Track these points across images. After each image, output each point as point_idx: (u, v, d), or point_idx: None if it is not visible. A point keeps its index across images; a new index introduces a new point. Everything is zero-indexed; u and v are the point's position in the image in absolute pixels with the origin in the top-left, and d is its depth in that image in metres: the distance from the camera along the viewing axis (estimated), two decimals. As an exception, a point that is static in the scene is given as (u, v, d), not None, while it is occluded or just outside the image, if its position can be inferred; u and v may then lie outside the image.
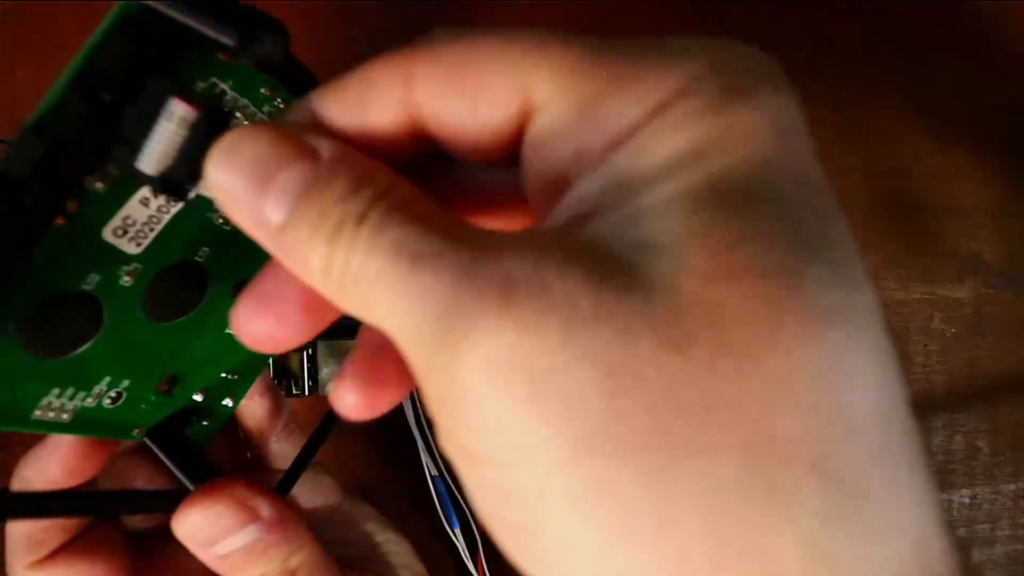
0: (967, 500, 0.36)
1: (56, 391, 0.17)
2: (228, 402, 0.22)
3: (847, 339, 0.10)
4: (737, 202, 0.11)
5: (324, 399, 0.34)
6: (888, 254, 0.35)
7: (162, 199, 0.16)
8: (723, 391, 0.10)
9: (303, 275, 0.13)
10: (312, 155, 0.13)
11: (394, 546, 0.27)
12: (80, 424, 0.18)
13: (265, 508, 0.20)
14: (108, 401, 0.19)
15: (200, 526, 0.20)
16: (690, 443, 0.10)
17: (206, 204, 0.17)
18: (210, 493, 0.20)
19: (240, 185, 0.13)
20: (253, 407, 0.25)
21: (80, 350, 0.17)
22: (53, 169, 0.14)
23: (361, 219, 0.12)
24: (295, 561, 0.21)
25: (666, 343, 0.10)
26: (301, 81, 0.16)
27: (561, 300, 0.10)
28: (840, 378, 0.10)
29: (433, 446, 0.33)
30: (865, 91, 0.35)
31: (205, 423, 0.22)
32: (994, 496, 0.36)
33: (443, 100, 0.13)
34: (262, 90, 0.17)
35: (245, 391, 0.23)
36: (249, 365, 0.22)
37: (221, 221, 0.18)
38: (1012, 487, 0.36)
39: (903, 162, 0.35)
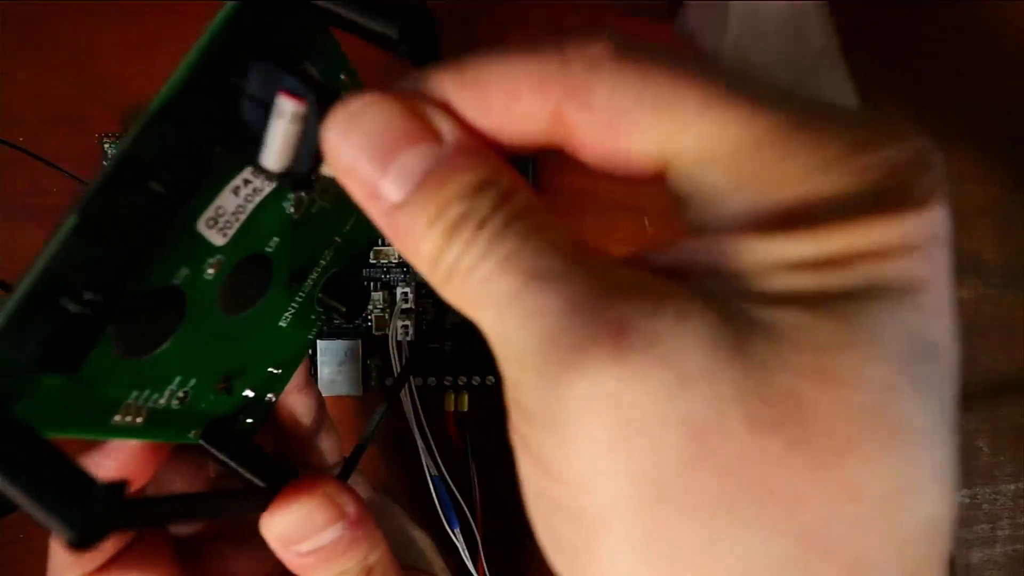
0: (967, 500, 0.36)
1: (135, 393, 0.17)
2: (271, 397, 0.22)
3: (924, 462, 0.11)
4: (861, 312, 0.11)
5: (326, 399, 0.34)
6: (888, 254, 0.35)
7: (250, 188, 0.16)
8: (788, 484, 0.11)
9: (408, 254, 0.13)
10: (435, 137, 0.12)
11: (423, 542, 0.27)
12: (150, 428, 0.18)
13: (350, 505, 0.20)
14: (176, 402, 0.18)
15: (293, 524, 0.19)
16: (746, 522, 0.11)
17: (284, 194, 0.17)
18: (304, 491, 0.19)
19: (360, 158, 0.12)
20: (296, 402, 0.24)
21: (162, 348, 0.17)
22: (186, 154, 0.14)
23: (483, 223, 0.12)
24: (373, 558, 0.20)
25: (750, 424, 0.11)
26: None
27: (670, 357, 0.11)
28: (907, 498, 0.11)
29: (433, 447, 0.33)
30: (865, 92, 0.35)
31: (249, 420, 0.22)
32: (994, 496, 0.36)
33: (585, 145, 0.13)
34: (342, 76, 0.17)
35: (285, 385, 0.23)
36: (292, 358, 0.22)
37: (292, 211, 0.18)
38: (1012, 487, 0.36)
39: (903, 162, 0.35)
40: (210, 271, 0.16)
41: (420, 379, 0.34)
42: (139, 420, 0.17)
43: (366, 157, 0.12)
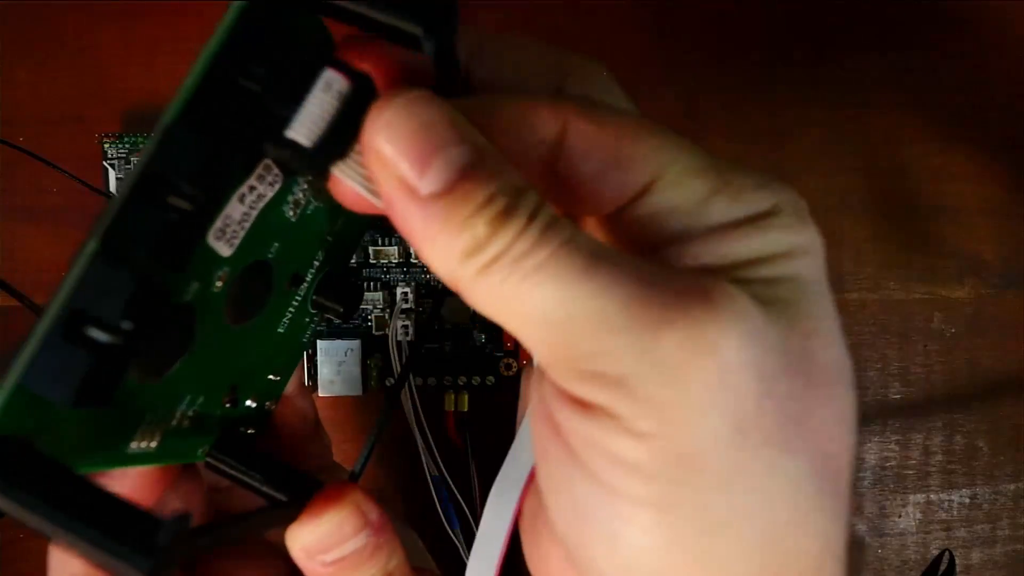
0: (967, 500, 0.36)
1: (149, 417, 0.16)
2: (270, 404, 0.22)
3: (856, 401, 0.15)
4: (816, 292, 0.15)
5: (323, 399, 0.34)
6: (888, 254, 0.35)
7: (255, 195, 0.16)
8: (808, 415, 0.14)
9: (434, 247, 0.13)
10: (473, 141, 0.13)
11: (416, 541, 0.27)
12: (161, 452, 0.17)
13: (373, 511, 0.20)
14: (187, 422, 0.18)
15: (323, 535, 0.19)
16: (788, 448, 0.14)
17: (283, 197, 0.17)
18: (334, 501, 0.19)
19: (404, 146, 0.13)
20: (292, 407, 0.24)
21: (175, 367, 0.16)
22: (214, 168, 0.13)
23: (533, 215, 0.13)
24: (393, 563, 0.20)
25: (787, 369, 0.14)
26: (453, 72, 0.15)
27: (743, 315, 0.13)
28: (854, 423, 0.15)
29: (433, 447, 0.33)
30: (865, 91, 0.35)
31: (251, 430, 0.21)
32: (994, 496, 0.36)
33: (587, 157, 0.14)
34: None
35: (283, 390, 0.22)
36: (289, 363, 0.22)
37: (291, 214, 0.18)
38: (1012, 487, 0.36)
39: (903, 162, 0.35)
40: (218, 283, 0.16)
41: (420, 379, 0.34)
42: (153, 445, 0.17)
43: (409, 146, 0.13)
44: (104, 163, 0.34)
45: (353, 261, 0.34)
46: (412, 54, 0.14)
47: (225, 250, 0.16)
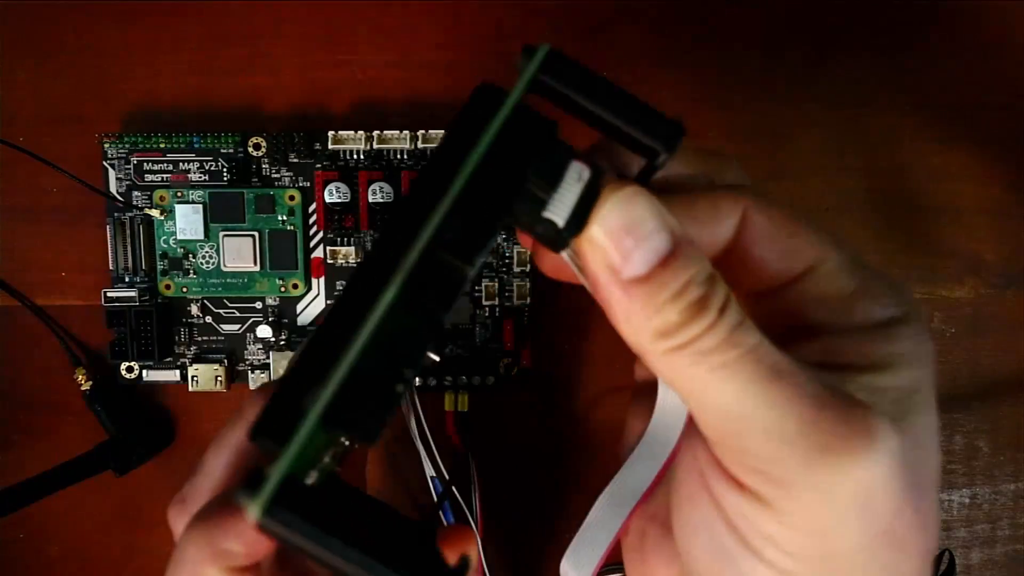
0: (967, 500, 0.36)
1: (331, 450, 0.17)
2: None
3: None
4: (931, 404, 0.17)
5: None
6: (888, 254, 0.35)
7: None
8: (920, 520, 0.16)
9: (631, 322, 0.15)
10: (673, 232, 0.15)
11: None
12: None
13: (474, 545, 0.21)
14: (327, 459, 0.17)
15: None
16: (903, 546, 0.16)
17: None
18: (466, 537, 0.21)
19: (621, 232, 0.15)
20: None
21: None
22: (478, 228, 0.15)
23: (722, 310, 0.15)
24: None
25: (910, 485, 0.16)
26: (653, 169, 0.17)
27: (889, 450, 0.15)
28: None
29: (433, 447, 0.33)
30: (865, 91, 0.35)
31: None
32: (994, 496, 0.36)
33: (759, 243, 0.17)
34: None
35: None
36: None
37: None
38: (1012, 487, 0.36)
39: (903, 162, 0.35)
40: None
41: (420, 379, 0.34)
42: (312, 482, 0.17)
43: (620, 237, 0.15)
44: (104, 163, 0.34)
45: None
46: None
47: None
